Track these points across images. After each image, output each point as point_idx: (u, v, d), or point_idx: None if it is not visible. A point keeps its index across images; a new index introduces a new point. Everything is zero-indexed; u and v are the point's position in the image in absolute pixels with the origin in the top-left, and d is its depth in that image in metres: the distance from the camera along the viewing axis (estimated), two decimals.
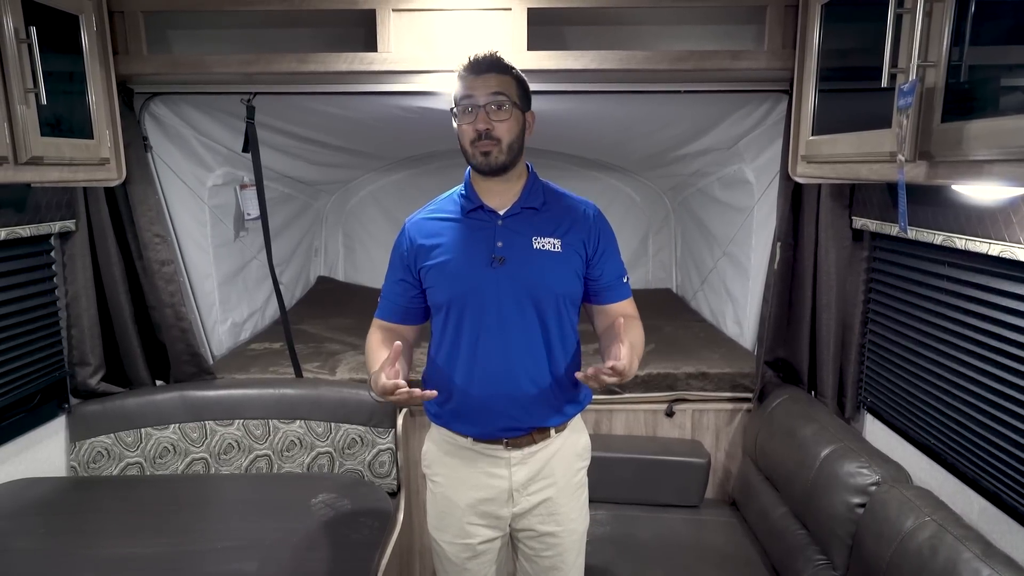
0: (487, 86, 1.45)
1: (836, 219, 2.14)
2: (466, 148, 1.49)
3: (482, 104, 1.44)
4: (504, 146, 1.46)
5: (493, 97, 1.44)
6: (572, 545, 1.65)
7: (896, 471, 1.81)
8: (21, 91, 1.54)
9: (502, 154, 1.47)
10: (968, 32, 1.15)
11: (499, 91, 1.45)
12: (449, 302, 1.53)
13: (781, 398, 2.33)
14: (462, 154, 1.52)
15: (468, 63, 1.48)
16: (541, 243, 1.53)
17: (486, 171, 1.50)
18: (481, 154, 1.46)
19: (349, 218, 4.33)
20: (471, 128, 1.45)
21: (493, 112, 1.45)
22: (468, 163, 1.53)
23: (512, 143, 1.48)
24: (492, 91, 1.45)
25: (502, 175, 1.51)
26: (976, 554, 1.39)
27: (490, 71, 1.47)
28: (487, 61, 1.48)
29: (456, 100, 1.49)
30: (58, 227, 2.11)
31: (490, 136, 1.45)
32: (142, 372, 2.41)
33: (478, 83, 1.46)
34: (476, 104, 1.45)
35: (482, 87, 1.45)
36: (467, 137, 1.47)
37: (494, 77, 1.47)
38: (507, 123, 1.46)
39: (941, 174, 1.23)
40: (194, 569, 1.65)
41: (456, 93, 1.49)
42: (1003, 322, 1.52)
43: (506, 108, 1.45)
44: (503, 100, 1.45)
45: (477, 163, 1.49)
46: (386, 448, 2.33)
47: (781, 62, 2.02)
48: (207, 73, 2.08)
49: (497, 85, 1.46)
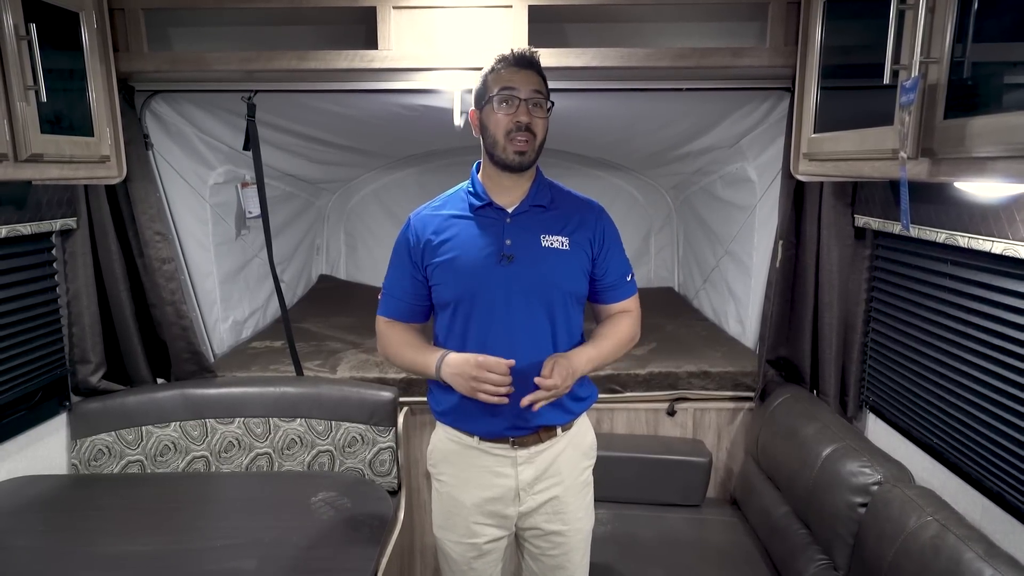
0: (530, 82, 1.47)
1: (838, 217, 2.13)
2: (498, 139, 1.47)
3: (525, 98, 1.45)
4: (537, 144, 1.48)
5: (535, 94, 1.46)
6: (578, 544, 1.65)
7: (898, 470, 1.80)
8: (21, 88, 1.53)
9: (534, 152, 1.48)
10: (971, 28, 1.15)
11: (540, 90, 1.48)
12: (457, 299, 1.53)
13: (783, 397, 2.32)
14: (484, 145, 1.51)
15: (511, 55, 1.49)
16: (549, 241, 1.53)
17: (514, 166, 1.49)
18: (516, 151, 1.46)
19: (351, 216, 4.33)
20: (510, 119, 1.45)
21: (533, 108, 1.46)
22: (491, 155, 1.51)
23: (543, 142, 1.50)
24: (534, 88, 1.46)
25: (522, 172, 1.52)
26: (979, 554, 1.38)
27: (531, 68, 1.49)
28: (529, 58, 1.50)
29: (491, 90, 1.47)
30: (59, 225, 2.11)
31: (529, 130, 1.45)
32: (143, 370, 2.41)
33: (520, 77, 1.46)
34: (519, 97, 1.45)
35: (525, 82, 1.46)
36: (503, 127, 1.46)
37: (535, 75, 1.49)
38: (543, 122, 1.48)
39: (944, 171, 1.22)
40: (194, 567, 1.65)
41: (489, 83, 1.48)
42: (1006, 320, 1.51)
43: (545, 107, 1.48)
44: (543, 99, 1.48)
45: (506, 156, 1.47)
46: (387, 447, 2.32)
47: (783, 59, 2.01)
48: (208, 71, 2.08)
49: (538, 84, 1.48)
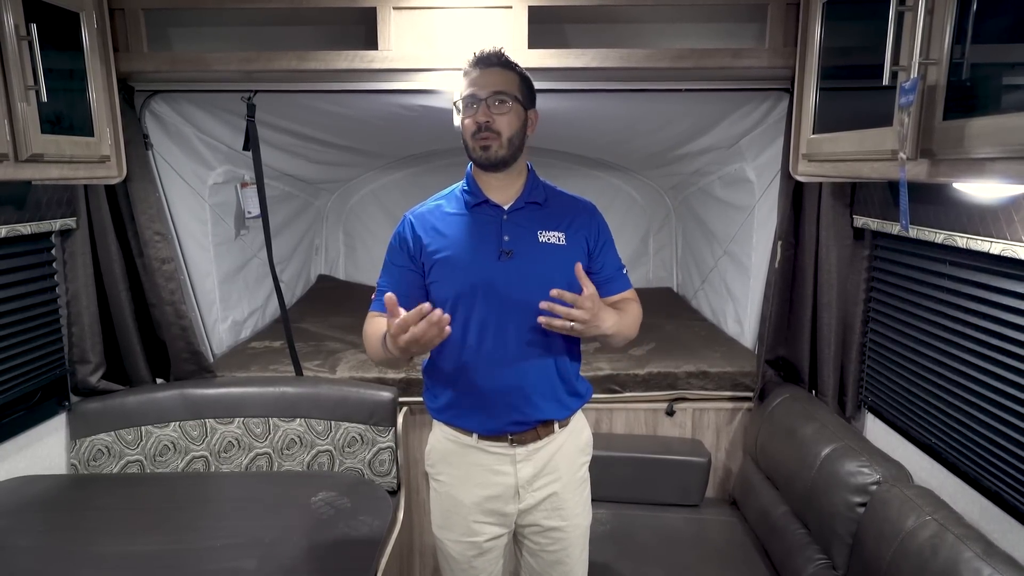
0: (490, 81, 1.48)
1: (837, 218, 2.14)
2: (467, 141, 1.50)
3: (483, 98, 1.47)
4: (504, 140, 1.48)
5: (495, 94, 1.47)
6: (577, 539, 1.66)
7: (897, 470, 1.81)
8: (22, 88, 1.53)
9: (502, 148, 1.48)
10: (970, 29, 1.15)
11: (501, 86, 1.48)
12: (457, 296, 1.53)
13: (782, 397, 2.32)
14: (465, 151, 1.54)
15: (473, 59, 1.51)
16: (547, 236, 1.55)
17: (486, 165, 1.51)
18: (481, 147, 1.48)
19: (350, 216, 4.33)
20: (472, 121, 1.48)
21: (494, 106, 1.46)
22: (470, 158, 1.54)
23: (512, 137, 1.49)
24: (495, 86, 1.47)
25: (502, 170, 1.53)
26: (977, 553, 1.39)
27: (494, 66, 1.50)
28: (491, 57, 1.51)
29: (460, 95, 1.51)
30: (59, 225, 2.11)
31: (490, 129, 1.46)
32: (142, 370, 2.41)
33: (483, 78, 1.48)
34: (478, 98, 1.47)
35: (485, 83, 1.48)
36: (469, 130, 1.49)
37: (498, 72, 1.50)
38: (507, 117, 1.48)
39: (943, 172, 1.22)
40: (193, 567, 1.65)
41: (461, 89, 1.51)
42: (1004, 321, 1.52)
43: (507, 103, 1.48)
44: (504, 95, 1.47)
45: (477, 156, 1.50)
46: (386, 447, 2.33)
47: (782, 60, 2.02)
48: (208, 71, 2.08)
49: (500, 80, 1.48)
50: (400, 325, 1.29)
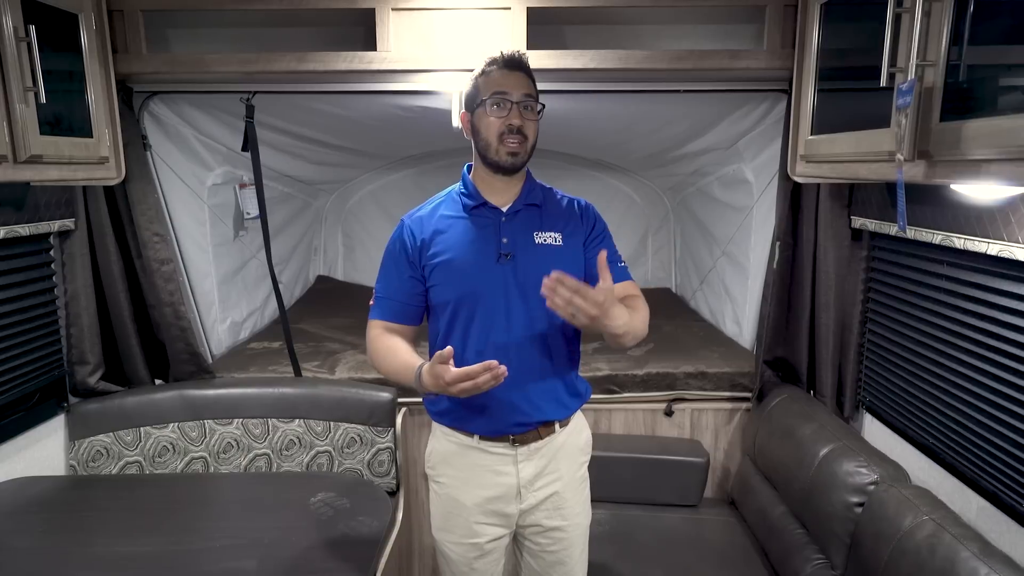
0: (521, 85, 1.48)
1: (835, 218, 2.14)
2: (490, 141, 1.48)
3: (516, 101, 1.46)
4: (529, 146, 1.50)
5: (526, 97, 1.48)
6: (577, 539, 1.67)
7: (895, 470, 1.81)
8: (20, 90, 1.53)
9: (526, 153, 1.50)
10: (967, 32, 1.16)
11: (531, 92, 1.49)
12: (458, 299, 1.53)
13: (780, 397, 2.33)
14: (477, 148, 1.52)
15: (501, 58, 1.50)
16: (543, 238, 1.55)
17: (507, 168, 1.50)
18: (508, 152, 1.47)
19: (348, 217, 4.33)
20: (502, 122, 1.46)
21: (525, 111, 1.47)
22: (483, 157, 1.52)
23: (534, 144, 1.52)
24: (525, 91, 1.48)
25: (515, 174, 1.54)
26: (974, 553, 1.39)
27: (522, 71, 1.50)
28: (520, 61, 1.51)
29: (483, 93, 1.48)
30: (57, 226, 2.11)
31: (521, 132, 1.47)
32: (141, 371, 2.41)
33: (512, 80, 1.48)
34: (511, 100, 1.46)
35: (516, 85, 1.47)
36: (495, 130, 1.47)
37: (526, 78, 1.50)
38: (535, 124, 1.50)
39: (940, 173, 1.23)
40: (193, 568, 1.65)
41: (480, 86, 1.49)
42: (1002, 321, 1.52)
43: (536, 110, 1.50)
44: (533, 102, 1.49)
45: (501, 159, 1.49)
46: (385, 447, 2.33)
47: (780, 62, 2.02)
48: (206, 72, 2.08)
49: (529, 86, 1.50)
50: (461, 375, 1.31)
